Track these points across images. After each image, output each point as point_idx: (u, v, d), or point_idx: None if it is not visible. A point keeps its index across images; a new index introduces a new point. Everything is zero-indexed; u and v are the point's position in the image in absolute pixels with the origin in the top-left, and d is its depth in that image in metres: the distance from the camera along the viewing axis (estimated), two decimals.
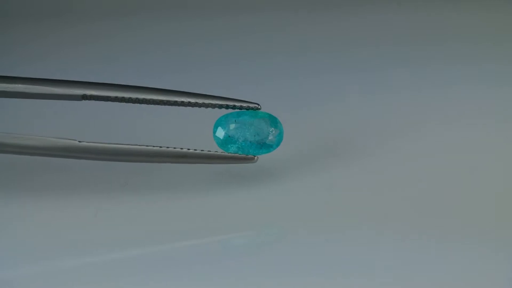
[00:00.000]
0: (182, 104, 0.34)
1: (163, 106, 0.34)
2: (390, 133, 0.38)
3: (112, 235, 0.33)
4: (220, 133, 0.34)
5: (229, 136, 0.34)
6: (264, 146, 0.34)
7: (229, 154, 0.34)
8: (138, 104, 0.34)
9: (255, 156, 0.34)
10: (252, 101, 0.34)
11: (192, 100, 0.34)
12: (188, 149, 0.34)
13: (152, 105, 0.34)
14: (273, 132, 0.34)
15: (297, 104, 0.40)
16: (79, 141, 0.34)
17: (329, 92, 0.41)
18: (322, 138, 0.38)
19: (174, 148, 0.34)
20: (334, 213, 0.34)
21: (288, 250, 0.32)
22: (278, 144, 0.35)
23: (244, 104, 0.34)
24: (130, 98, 0.33)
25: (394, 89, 0.41)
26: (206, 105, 0.34)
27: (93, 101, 0.34)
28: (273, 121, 0.34)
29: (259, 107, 0.34)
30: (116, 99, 0.34)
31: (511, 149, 0.37)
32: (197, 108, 0.34)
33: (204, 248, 0.32)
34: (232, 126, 0.34)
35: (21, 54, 0.43)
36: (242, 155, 0.34)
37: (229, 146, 0.34)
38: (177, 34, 0.45)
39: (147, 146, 0.34)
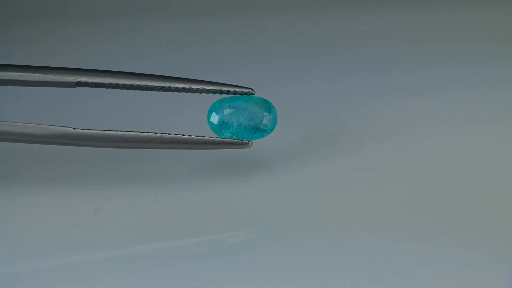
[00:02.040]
0: (176, 89, 0.34)
1: (157, 92, 0.34)
2: (391, 130, 0.38)
3: (111, 234, 0.33)
4: (214, 118, 0.34)
5: (223, 122, 0.34)
6: (259, 130, 0.34)
7: (224, 139, 0.34)
8: (132, 91, 0.34)
9: (249, 141, 0.34)
10: (246, 86, 0.34)
11: (186, 85, 0.34)
12: (183, 135, 0.34)
13: (146, 91, 0.34)
14: (267, 116, 0.34)
15: (298, 100, 0.40)
16: (74, 128, 0.34)
17: (329, 91, 0.41)
18: (321, 135, 0.38)
19: (169, 134, 0.34)
20: (331, 211, 0.34)
21: (284, 249, 0.32)
22: (272, 129, 0.35)
23: (238, 89, 0.34)
24: (124, 84, 0.34)
25: (395, 88, 0.41)
26: (200, 91, 0.34)
27: (87, 88, 0.34)
28: (267, 105, 0.34)
29: (253, 92, 0.34)
30: (110, 86, 0.34)
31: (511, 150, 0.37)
32: (191, 94, 0.34)
33: (200, 247, 0.32)
34: (226, 111, 0.34)
35: (21, 54, 0.43)
36: (237, 140, 0.34)
37: (223, 131, 0.34)
38: (178, 35, 0.45)
39: (141, 132, 0.34)
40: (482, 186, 0.35)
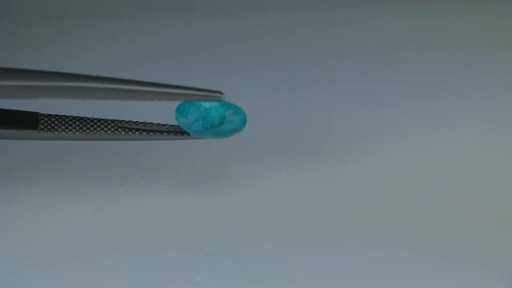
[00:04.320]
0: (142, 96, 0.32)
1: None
2: (389, 136, 0.38)
3: (111, 232, 0.33)
4: (182, 121, 0.33)
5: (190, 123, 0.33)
6: (224, 124, 0.33)
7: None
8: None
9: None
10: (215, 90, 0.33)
11: (154, 89, 0.32)
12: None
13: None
14: (233, 112, 0.33)
15: (295, 105, 0.40)
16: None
17: (328, 95, 0.41)
18: (318, 140, 0.38)
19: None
20: (329, 216, 0.34)
21: (279, 252, 0.32)
22: (240, 124, 0.33)
23: (207, 93, 0.32)
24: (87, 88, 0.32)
25: (393, 93, 0.41)
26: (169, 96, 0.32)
27: None
28: (232, 105, 0.33)
29: (222, 96, 0.32)
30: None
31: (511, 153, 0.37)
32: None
33: (200, 245, 0.33)
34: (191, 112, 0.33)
35: (21, 55, 0.43)
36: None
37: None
38: (178, 36, 0.45)
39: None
40: (482, 187, 0.35)
